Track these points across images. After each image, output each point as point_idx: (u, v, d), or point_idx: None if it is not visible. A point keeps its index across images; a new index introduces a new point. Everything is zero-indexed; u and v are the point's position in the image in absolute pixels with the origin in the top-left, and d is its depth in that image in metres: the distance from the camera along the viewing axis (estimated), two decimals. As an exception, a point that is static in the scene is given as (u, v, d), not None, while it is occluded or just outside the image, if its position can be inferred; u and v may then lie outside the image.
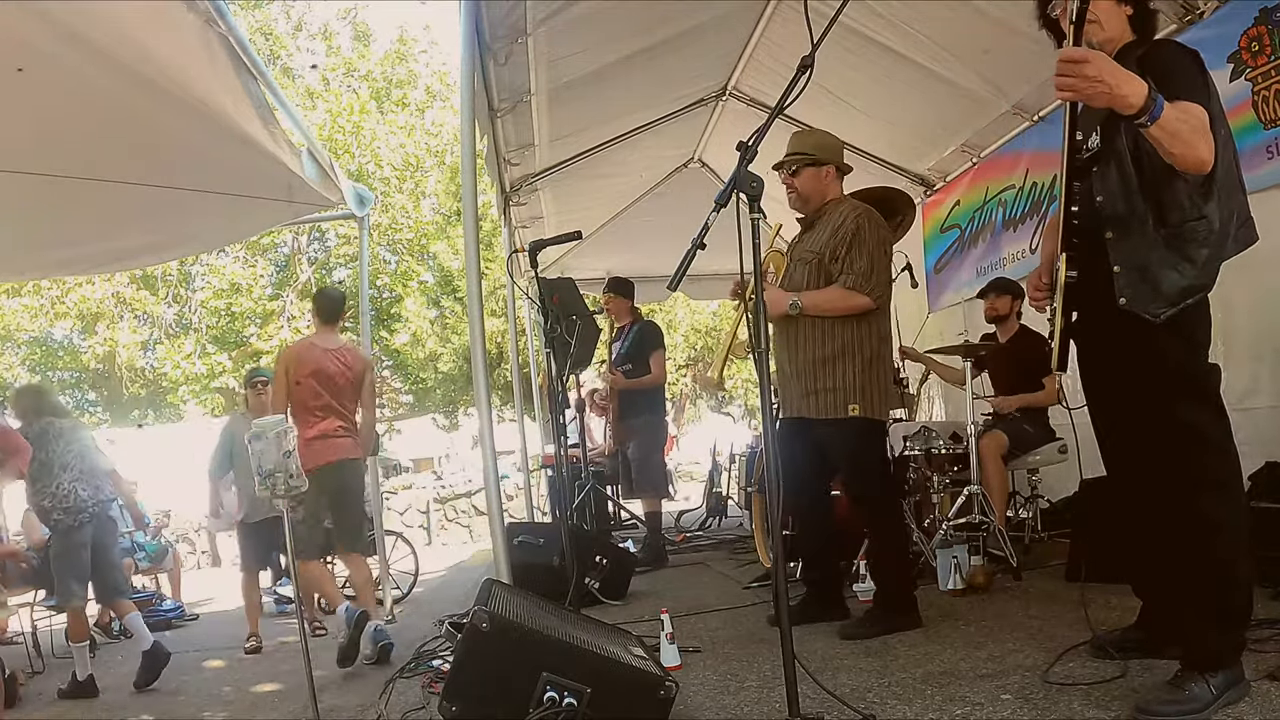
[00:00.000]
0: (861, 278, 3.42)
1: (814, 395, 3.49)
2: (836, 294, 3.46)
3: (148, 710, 4.09)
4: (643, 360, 6.19)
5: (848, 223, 3.49)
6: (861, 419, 3.45)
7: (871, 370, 3.48)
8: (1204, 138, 2.03)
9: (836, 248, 3.47)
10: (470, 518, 12.78)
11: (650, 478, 6.24)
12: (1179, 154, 2.02)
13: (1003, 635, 3.14)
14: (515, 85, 4.79)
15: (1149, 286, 2.17)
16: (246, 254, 16.16)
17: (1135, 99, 1.94)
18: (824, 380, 3.47)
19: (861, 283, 3.42)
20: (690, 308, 16.16)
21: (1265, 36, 3.80)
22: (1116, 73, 1.94)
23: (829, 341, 3.48)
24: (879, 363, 3.53)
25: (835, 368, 3.46)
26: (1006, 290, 5.05)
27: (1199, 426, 2.19)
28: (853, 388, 3.44)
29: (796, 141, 3.72)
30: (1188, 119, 2.01)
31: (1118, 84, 1.93)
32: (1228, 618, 2.16)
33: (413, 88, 17.99)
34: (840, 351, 3.46)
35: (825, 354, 3.48)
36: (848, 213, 3.54)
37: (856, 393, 3.44)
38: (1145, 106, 1.94)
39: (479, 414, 3.29)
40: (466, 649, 2.34)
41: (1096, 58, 1.95)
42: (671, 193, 7.64)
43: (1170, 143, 2.00)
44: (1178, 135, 1.99)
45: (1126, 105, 1.95)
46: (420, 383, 17.12)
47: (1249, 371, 4.04)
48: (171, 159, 3.92)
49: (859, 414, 3.44)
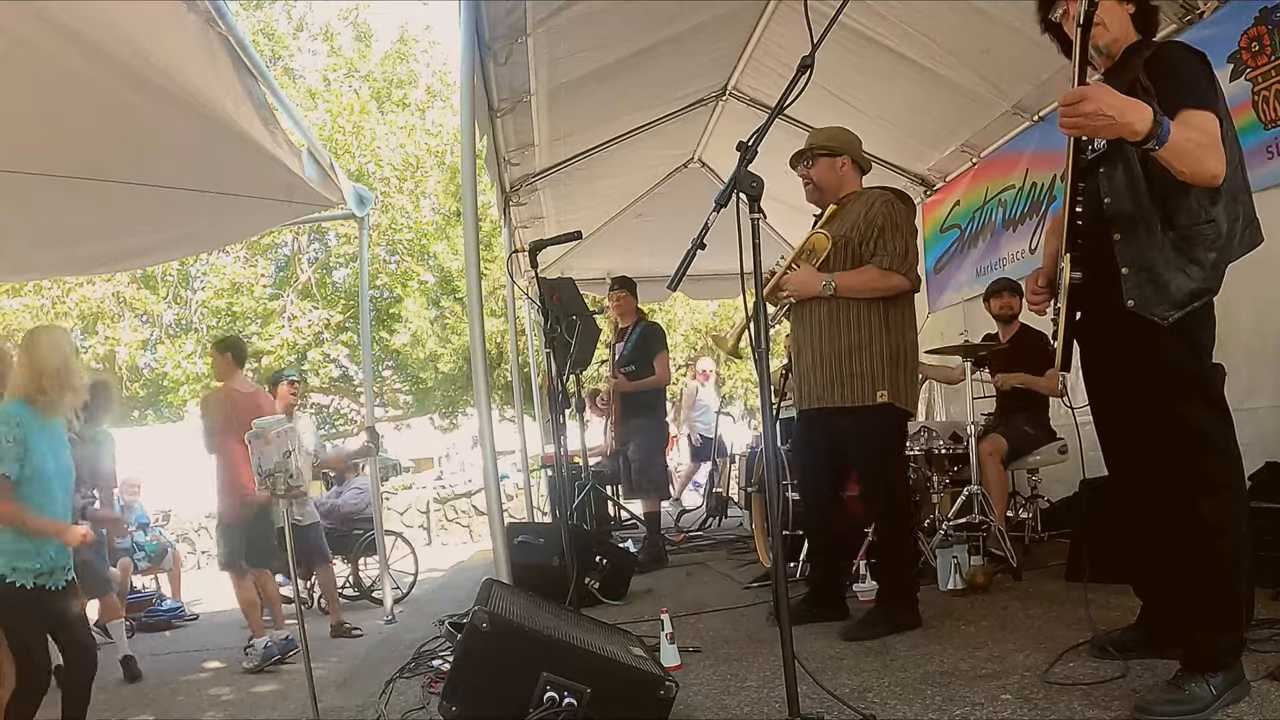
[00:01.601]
0: (898, 259, 3.39)
1: (839, 383, 3.43)
2: (873, 274, 3.41)
3: (148, 710, 4.08)
4: (646, 362, 6.19)
5: (878, 206, 3.46)
6: (889, 406, 3.40)
7: (899, 358, 3.43)
8: (1213, 152, 2.03)
9: (868, 230, 3.43)
10: (470, 518, 12.77)
11: (652, 478, 6.24)
12: (1189, 172, 2.03)
13: (1003, 635, 3.14)
14: (515, 85, 4.79)
15: (1157, 289, 2.17)
16: (247, 254, 16.15)
17: (1141, 125, 1.94)
18: (850, 366, 3.41)
19: (898, 263, 3.39)
20: (690, 307, 16.15)
21: (1265, 36, 3.80)
22: (1118, 103, 1.95)
23: (854, 329, 3.42)
24: (907, 356, 3.48)
25: (861, 354, 3.40)
26: (1018, 290, 5.04)
27: (1202, 428, 2.19)
28: (881, 374, 3.39)
29: (813, 136, 3.72)
30: (1196, 136, 2.01)
31: (1121, 113, 1.94)
32: (1228, 619, 2.16)
33: (413, 88, 17.98)
34: (867, 339, 3.41)
35: (851, 342, 3.42)
36: (877, 197, 3.52)
37: (885, 379, 3.39)
38: (1152, 132, 1.95)
39: (479, 414, 3.28)
40: (466, 649, 2.34)
41: (1093, 93, 1.96)
42: (671, 193, 7.65)
43: (1180, 162, 2.01)
44: (1186, 155, 2.00)
45: (1132, 134, 1.96)
46: (420, 383, 17.11)
47: (1249, 371, 4.04)
48: (172, 159, 3.91)
49: (887, 400, 3.39)
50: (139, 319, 15.68)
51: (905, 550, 3.60)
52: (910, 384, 3.50)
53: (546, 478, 8.30)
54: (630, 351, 6.27)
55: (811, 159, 3.63)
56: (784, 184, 3.96)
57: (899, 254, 3.39)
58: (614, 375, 6.32)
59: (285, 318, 16.23)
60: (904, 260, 3.40)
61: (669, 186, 7.67)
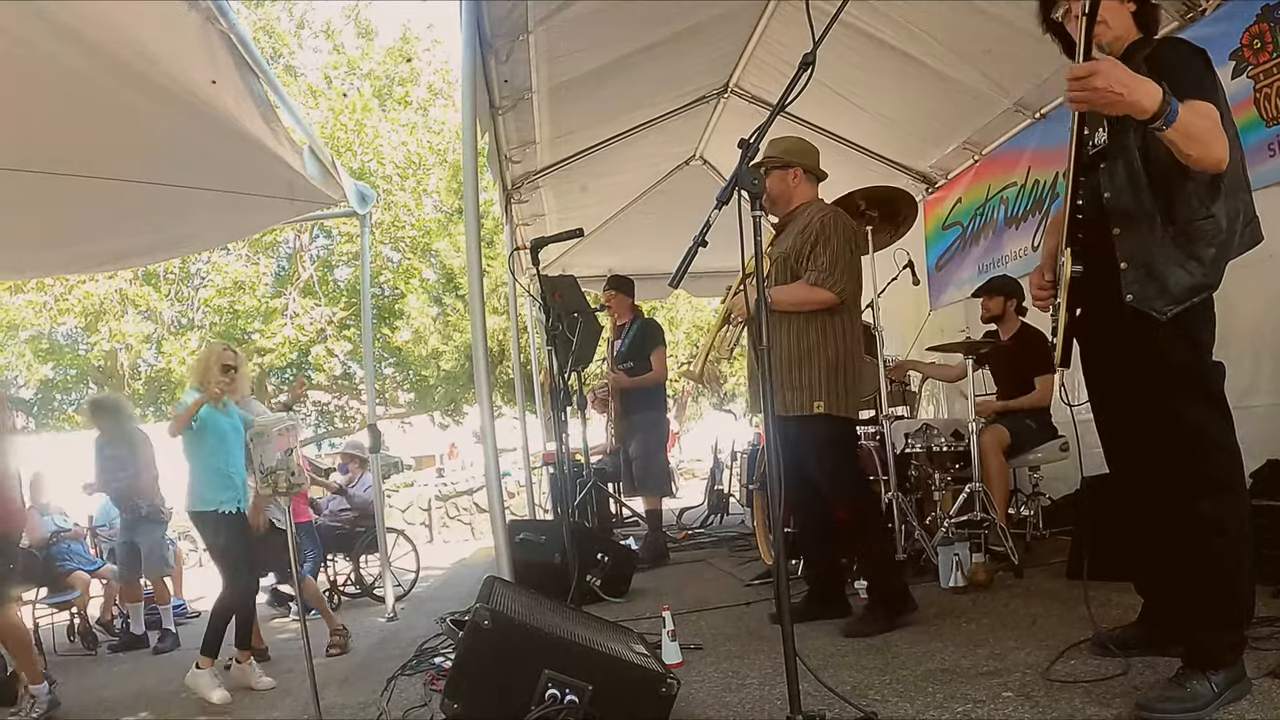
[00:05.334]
0: (824, 273, 3.44)
1: (784, 392, 3.51)
2: (799, 289, 3.49)
3: (148, 709, 4.09)
4: (644, 358, 6.19)
5: (813, 222, 3.53)
6: (826, 416, 3.47)
7: (838, 370, 3.51)
8: (1219, 137, 2.02)
9: (803, 247, 3.51)
10: (472, 515, 12.78)
11: (653, 475, 6.24)
12: (1196, 155, 2.02)
13: (1004, 633, 3.14)
14: (517, 83, 4.79)
15: (1156, 284, 2.16)
16: (249, 252, 16.14)
17: (1150, 103, 1.93)
18: (792, 379, 3.50)
19: (824, 278, 3.44)
20: (692, 305, 16.18)
21: (1267, 34, 3.79)
22: (1128, 80, 1.94)
23: (799, 341, 3.51)
24: (848, 361, 3.55)
25: (803, 367, 3.50)
26: (999, 290, 5.04)
27: (1203, 426, 2.19)
28: (819, 386, 3.48)
29: (769, 146, 3.72)
30: (1202, 119, 2.01)
31: (1130, 90, 1.93)
32: (1229, 617, 2.16)
33: (415, 85, 17.95)
34: (808, 351, 3.50)
35: (794, 354, 3.51)
36: (814, 213, 3.58)
37: (822, 391, 3.47)
38: (1160, 110, 1.94)
39: (481, 411, 3.29)
40: (468, 646, 2.34)
41: (1105, 68, 1.94)
42: (673, 190, 7.64)
43: (1187, 144, 2.00)
44: (1193, 137, 1.99)
45: (1141, 110, 1.95)
46: (422, 380, 17.12)
47: (1249, 369, 4.03)
48: (173, 157, 3.91)
49: (823, 411, 3.46)
50: (141, 316, 15.67)
51: (877, 542, 3.65)
52: (849, 392, 3.55)
53: (548, 475, 8.31)
54: (628, 348, 6.27)
55: (764, 170, 3.64)
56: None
57: (826, 268, 3.44)
58: (613, 371, 6.33)
59: (287, 315, 16.22)
60: (830, 275, 3.44)
61: (670, 184, 7.66)
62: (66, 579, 6.06)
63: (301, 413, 18.49)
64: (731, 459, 8.98)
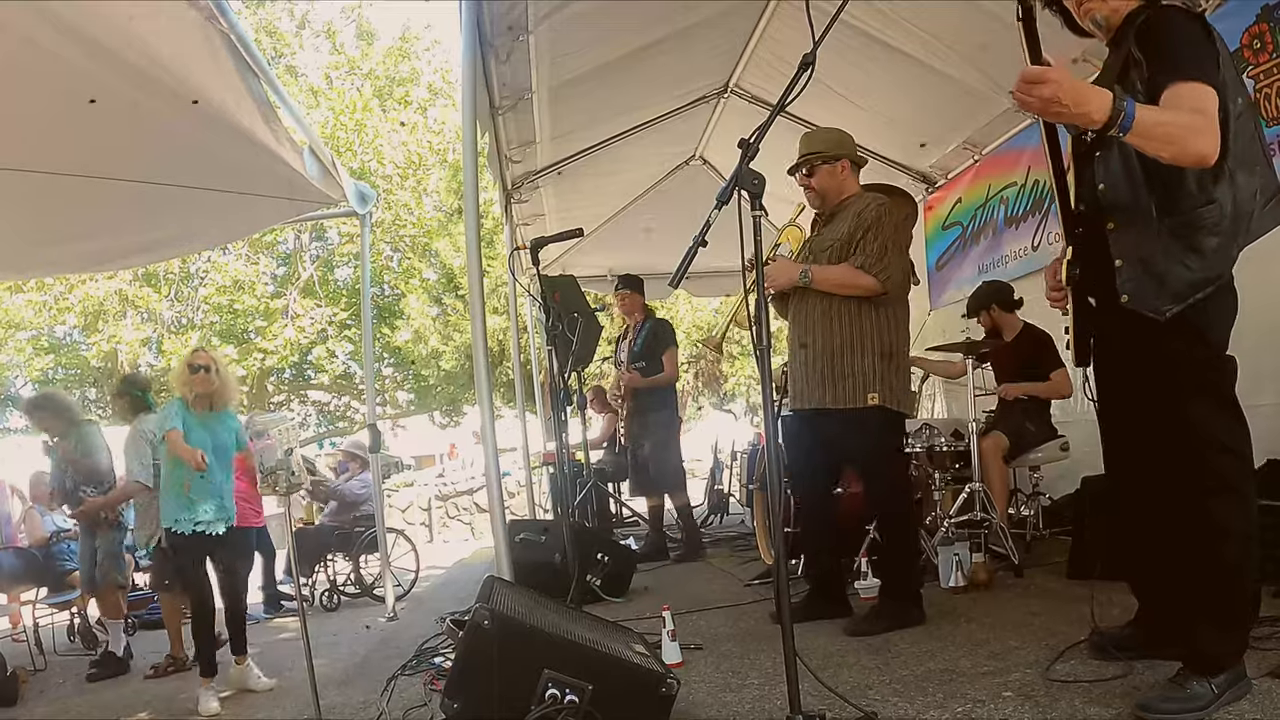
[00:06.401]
0: (873, 259, 3.41)
1: (831, 384, 3.45)
2: (843, 270, 3.45)
3: (146, 709, 4.09)
4: (655, 358, 6.20)
5: (869, 210, 3.49)
6: (881, 409, 3.42)
7: (891, 361, 3.46)
8: (1195, 133, 1.92)
9: (855, 232, 3.47)
10: (472, 515, 12.78)
11: (668, 474, 6.25)
12: (1169, 155, 1.94)
13: (1004, 633, 3.14)
14: (516, 82, 4.78)
15: (1153, 282, 2.10)
16: (249, 251, 16.14)
17: (1099, 114, 1.87)
18: (841, 367, 3.43)
19: (871, 264, 3.41)
20: (692, 305, 16.15)
21: (1267, 34, 3.79)
22: (1076, 90, 1.86)
23: (844, 328, 3.45)
24: (899, 356, 3.51)
25: (852, 355, 3.43)
26: (979, 307, 5.07)
27: (1211, 428, 2.13)
28: (872, 376, 3.41)
29: (807, 142, 3.71)
30: (1171, 117, 1.92)
31: (1076, 103, 1.86)
32: (1232, 620, 2.14)
33: (415, 85, 17.95)
34: (858, 338, 3.43)
35: (841, 341, 3.45)
36: (870, 202, 3.55)
37: (876, 380, 3.41)
38: (1111, 120, 1.87)
39: (481, 411, 3.29)
40: (468, 646, 2.34)
41: (1054, 77, 1.85)
42: (673, 190, 7.64)
43: (1155, 147, 1.93)
44: (1158, 138, 1.91)
45: (1090, 122, 1.90)
46: (422, 380, 17.12)
47: (1252, 368, 3.97)
48: (173, 156, 3.91)
49: (878, 403, 3.41)
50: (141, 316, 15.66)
51: (909, 547, 3.63)
52: (903, 385, 3.52)
53: (548, 475, 8.31)
54: (641, 348, 6.28)
55: (811, 167, 3.63)
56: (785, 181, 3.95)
57: (875, 255, 3.42)
58: (627, 371, 6.33)
59: (288, 315, 16.21)
60: (879, 262, 3.41)
61: (670, 184, 7.66)
62: (66, 579, 6.04)
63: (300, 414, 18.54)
64: (731, 459, 8.99)
